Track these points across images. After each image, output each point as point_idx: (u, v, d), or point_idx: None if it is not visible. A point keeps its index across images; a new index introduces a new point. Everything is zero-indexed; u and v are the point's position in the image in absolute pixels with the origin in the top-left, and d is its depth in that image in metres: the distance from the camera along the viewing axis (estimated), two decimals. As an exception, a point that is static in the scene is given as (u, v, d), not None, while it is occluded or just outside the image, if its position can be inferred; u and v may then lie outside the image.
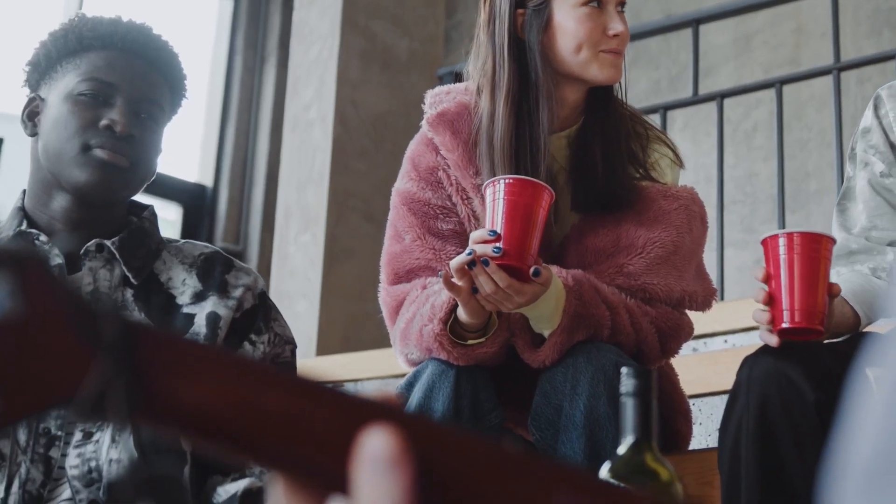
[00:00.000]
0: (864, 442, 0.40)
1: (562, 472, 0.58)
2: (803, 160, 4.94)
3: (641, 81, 5.30)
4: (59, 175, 2.09)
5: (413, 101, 4.61)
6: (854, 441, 0.41)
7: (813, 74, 4.37)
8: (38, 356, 0.56)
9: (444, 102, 2.50)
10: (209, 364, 0.58)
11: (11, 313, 0.55)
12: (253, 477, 2.01)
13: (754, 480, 2.10)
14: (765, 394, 2.13)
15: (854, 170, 2.62)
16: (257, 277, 2.21)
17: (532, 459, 0.58)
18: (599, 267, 2.36)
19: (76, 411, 0.57)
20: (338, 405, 0.58)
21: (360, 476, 0.56)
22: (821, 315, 2.14)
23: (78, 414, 0.57)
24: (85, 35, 2.14)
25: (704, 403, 3.30)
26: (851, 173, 2.63)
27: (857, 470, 0.40)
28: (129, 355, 0.57)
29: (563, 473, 0.58)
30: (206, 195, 5.40)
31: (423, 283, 2.38)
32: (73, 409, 0.57)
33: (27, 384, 0.56)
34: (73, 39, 2.14)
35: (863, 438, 0.40)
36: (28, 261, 0.56)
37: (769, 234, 2.20)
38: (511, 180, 2.15)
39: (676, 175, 2.52)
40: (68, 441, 1.96)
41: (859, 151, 2.61)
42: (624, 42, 2.42)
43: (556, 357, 2.26)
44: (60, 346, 0.56)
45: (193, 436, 0.58)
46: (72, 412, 0.57)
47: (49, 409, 0.57)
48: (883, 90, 2.61)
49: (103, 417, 0.57)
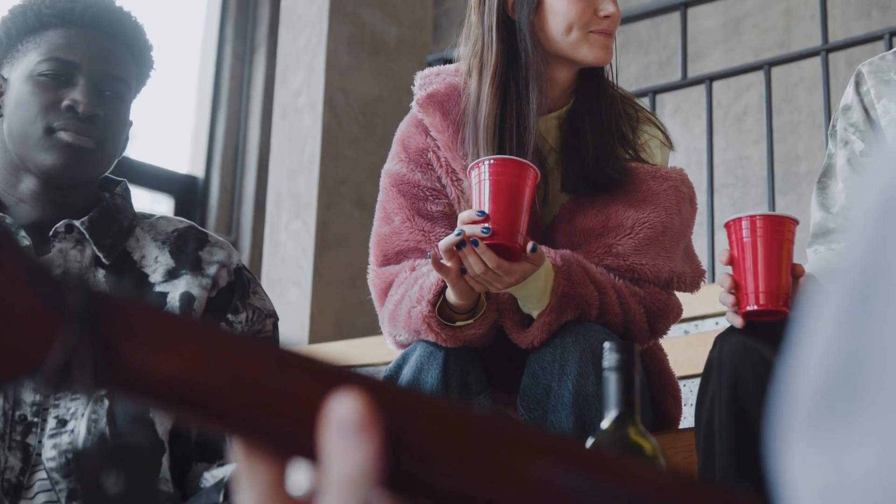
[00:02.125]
0: (810, 370, 0.40)
1: (541, 439, 0.57)
2: (794, 143, 4.93)
3: (631, 66, 5.29)
4: (24, 158, 2.05)
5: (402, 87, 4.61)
6: (799, 370, 0.41)
7: (801, 56, 4.36)
8: (3, 327, 0.56)
9: (433, 84, 2.49)
10: (174, 331, 0.57)
11: (-25, 283, 0.55)
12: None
13: (728, 456, 2.10)
14: (736, 371, 2.13)
15: (835, 147, 2.62)
16: (231, 252, 2.17)
17: (509, 425, 0.57)
18: (588, 247, 2.36)
19: (43, 381, 0.56)
20: (305, 371, 0.57)
21: (328, 441, 0.55)
22: (785, 296, 2.15)
23: (45, 384, 0.56)
24: (44, 12, 2.08)
25: (695, 384, 3.29)
26: (832, 151, 2.63)
27: (803, 400, 0.40)
28: (94, 324, 0.56)
29: (543, 440, 0.57)
30: (197, 186, 5.39)
31: (412, 264, 2.38)
32: (40, 380, 0.56)
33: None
34: (32, 17, 2.09)
35: (808, 366, 0.40)
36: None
37: (732, 218, 2.20)
38: (494, 160, 2.15)
39: (666, 156, 2.52)
40: (43, 428, 1.93)
41: (840, 129, 2.61)
42: (615, 23, 2.41)
43: (544, 337, 2.26)
44: (26, 316, 0.56)
45: (159, 403, 0.58)
46: (38, 382, 0.56)
47: (16, 379, 0.57)
48: (864, 66, 2.60)
49: (70, 387, 0.57)
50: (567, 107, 2.48)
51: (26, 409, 1.94)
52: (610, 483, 0.56)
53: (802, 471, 0.39)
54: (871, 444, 0.36)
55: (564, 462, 0.56)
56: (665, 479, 0.57)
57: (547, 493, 0.56)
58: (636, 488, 0.56)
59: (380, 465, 0.55)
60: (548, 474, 0.56)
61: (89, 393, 0.56)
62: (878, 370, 0.36)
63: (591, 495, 0.56)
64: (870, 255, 0.39)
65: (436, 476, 0.56)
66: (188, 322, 0.58)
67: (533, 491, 0.56)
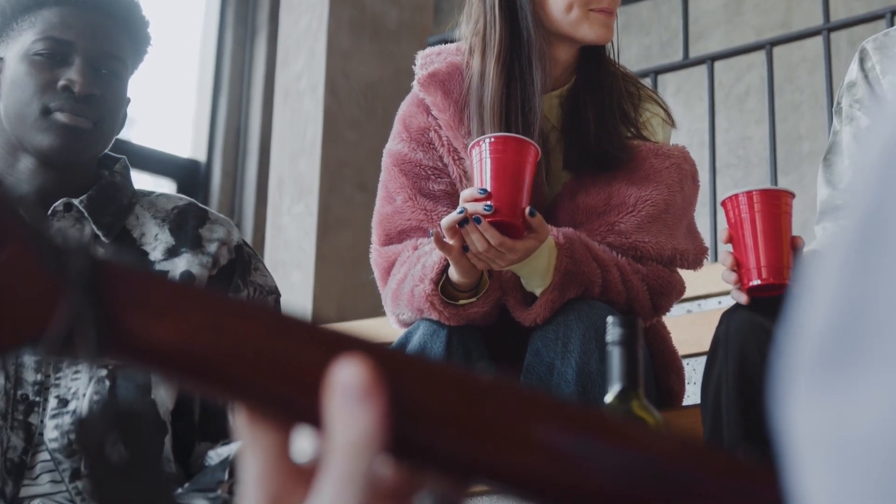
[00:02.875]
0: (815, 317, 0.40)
1: (546, 403, 0.57)
2: (796, 122, 4.93)
3: (633, 47, 5.28)
4: (21, 139, 2.03)
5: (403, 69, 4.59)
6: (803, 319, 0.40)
7: (803, 35, 4.35)
8: (5, 293, 0.55)
9: (434, 63, 2.49)
10: (177, 298, 0.57)
11: (-23, 251, 0.55)
12: None
13: (736, 432, 2.11)
14: (743, 347, 2.13)
15: (840, 124, 2.61)
16: (231, 229, 2.15)
17: (511, 387, 0.57)
18: (591, 225, 2.36)
19: (46, 349, 0.56)
20: (308, 336, 0.57)
21: (332, 407, 0.55)
22: (786, 269, 2.16)
23: (48, 352, 0.56)
24: None
25: (699, 363, 3.29)
26: (838, 128, 2.62)
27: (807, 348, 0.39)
28: (96, 291, 0.56)
29: (548, 404, 0.56)
30: (199, 170, 5.38)
31: (415, 243, 2.37)
32: (43, 348, 0.56)
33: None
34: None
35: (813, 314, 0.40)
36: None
37: (728, 195, 2.21)
38: (494, 138, 2.15)
39: (668, 134, 2.52)
40: (45, 407, 1.93)
41: (845, 106, 2.60)
42: (615, 1, 2.41)
43: (547, 315, 2.26)
44: (26, 283, 0.56)
45: (163, 371, 0.58)
46: (42, 351, 0.56)
47: (20, 347, 0.57)
48: (868, 43, 2.59)
49: (73, 355, 0.56)
50: (568, 85, 2.48)
51: (28, 388, 1.93)
52: (615, 448, 0.56)
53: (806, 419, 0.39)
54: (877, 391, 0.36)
55: (569, 426, 0.56)
56: (671, 444, 0.56)
57: (551, 458, 0.55)
58: (642, 453, 0.56)
59: (384, 430, 0.55)
60: (553, 439, 0.56)
61: (92, 361, 0.56)
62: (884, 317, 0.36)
63: (595, 460, 0.55)
64: (873, 205, 0.39)
65: (440, 441, 0.56)
66: (190, 289, 0.58)
67: (538, 455, 0.55)
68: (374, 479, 0.55)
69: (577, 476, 0.56)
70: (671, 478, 0.55)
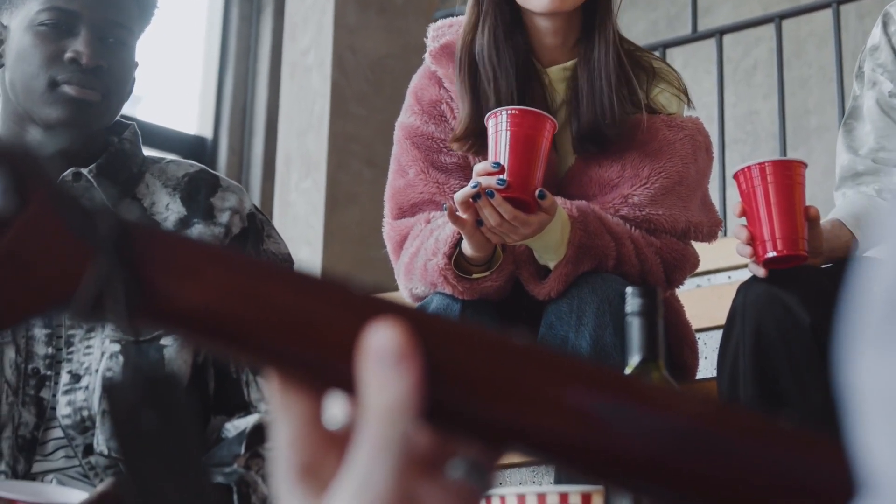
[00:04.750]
0: (883, 278, 0.39)
1: (576, 364, 0.56)
2: (804, 97, 4.91)
3: (640, 22, 5.26)
4: (29, 111, 1.99)
5: (411, 44, 4.58)
6: (871, 279, 0.39)
7: (813, 8, 4.33)
8: (33, 257, 0.54)
9: (446, 35, 2.48)
10: (208, 260, 0.56)
11: (5, 212, 0.54)
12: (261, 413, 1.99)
13: (752, 405, 2.10)
14: (760, 319, 2.13)
15: (861, 89, 2.59)
16: (243, 197, 2.12)
17: (544, 350, 0.56)
18: (604, 198, 2.35)
19: (75, 312, 0.55)
20: (342, 300, 0.56)
21: (367, 372, 0.54)
22: (801, 240, 2.15)
23: (78, 315, 0.55)
24: None
25: (710, 337, 3.29)
26: (858, 92, 2.60)
27: (875, 308, 0.39)
28: (126, 253, 0.55)
29: (578, 366, 0.56)
30: (206, 146, 5.37)
31: (427, 216, 2.36)
32: (72, 311, 0.55)
33: (24, 286, 0.55)
34: None
35: (881, 275, 0.39)
36: (18, 157, 0.55)
37: (740, 168, 2.19)
38: (512, 111, 2.14)
39: (681, 109, 2.50)
40: (57, 381, 1.91)
41: (867, 70, 2.58)
42: None
43: (561, 288, 2.25)
44: (55, 246, 0.55)
45: (193, 334, 0.57)
46: (70, 313, 0.55)
47: (48, 310, 0.56)
48: (892, 7, 2.57)
49: (102, 318, 0.55)
50: (574, 60, 2.47)
51: (39, 362, 1.91)
52: (647, 412, 0.55)
53: (872, 377, 0.38)
54: None
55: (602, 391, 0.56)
56: (700, 406, 0.56)
57: (584, 422, 0.55)
58: (672, 416, 0.55)
59: (420, 396, 0.54)
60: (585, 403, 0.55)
61: (122, 324, 0.55)
62: None
63: (628, 425, 0.55)
64: None
65: (475, 406, 0.55)
66: (220, 250, 0.57)
67: (571, 420, 0.55)
68: (409, 445, 0.54)
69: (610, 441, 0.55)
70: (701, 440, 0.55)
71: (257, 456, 1.88)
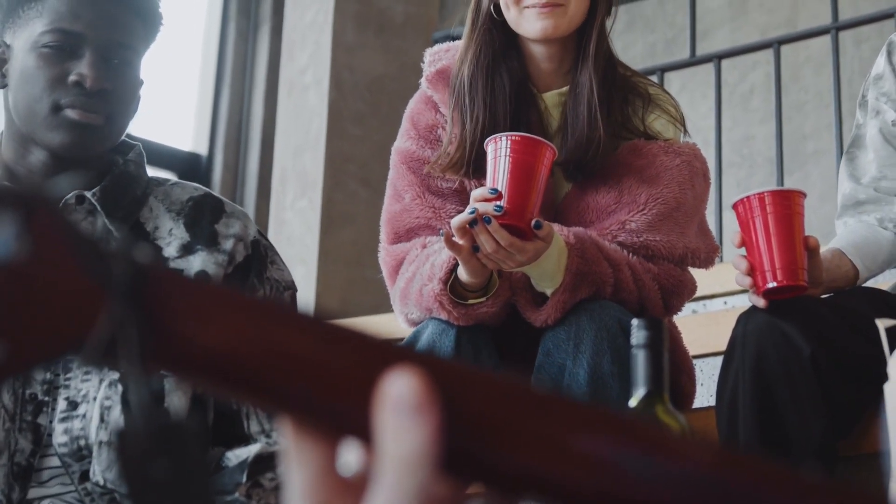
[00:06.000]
0: None
1: (592, 412, 0.56)
2: (800, 122, 4.92)
3: (637, 45, 5.27)
4: (32, 133, 1.97)
5: (409, 64, 4.58)
6: None
7: (811, 34, 4.34)
8: (46, 300, 0.54)
9: (443, 60, 2.49)
10: (223, 305, 0.55)
11: (18, 255, 0.53)
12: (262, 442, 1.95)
13: (752, 435, 2.10)
14: (760, 349, 2.13)
15: (864, 117, 2.59)
16: (248, 223, 2.09)
17: (562, 398, 0.56)
18: (601, 224, 2.34)
19: (87, 358, 0.54)
20: (359, 346, 0.56)
21: (385, 421, 0.54)
22: (801, 270, 2.15)
23: (90, 361, 0.54)
24: None
25: (706, 364, 3.29)
26: (861, 121, 2.60)
27: None
28: (140, 297, 0.54)
29: (594, 413, 0.56)
30: (200, 163, 5.36)
31: (423, 241, 2.36)
32: (85, 356, 0.54)
33: (37, 330, 0.54)
34: None
35: None
36: (35, 200, 0.54)
37: (739, 198, 2.20)
38: (515, 137, 2.13)
39: (678, 134, 2.50)
40: (54, 408, 1.88)
41: (871, 99, 2.58)
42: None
43: (558, 315, 2.25)
44: (69, 289, 0.54)
45: (207, 380, 0.56)
46: (83, 359, 0.54)
47: (61, 355, 0.55)
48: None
49: (115, 363, 0.55)
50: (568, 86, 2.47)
51: (37, 387, 1.88)
52: (663, 459, 0.55)
53: None
54: None
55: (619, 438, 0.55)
56: (718, 454, 0.56)
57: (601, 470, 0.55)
58: (688, 464, 0.55)
59: (439, 445, 0.53)
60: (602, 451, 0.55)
61: (134, 369, 0.54)
62: None
63: (645, 472, 0.55)
64: None
65: (492, 454, 0.55)
66: (236, 295, 0.56)
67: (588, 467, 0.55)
68: (427, 494, 0.53)
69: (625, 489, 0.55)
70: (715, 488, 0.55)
71: (258, 486, 1.87)
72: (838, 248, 2.41)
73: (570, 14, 2.37)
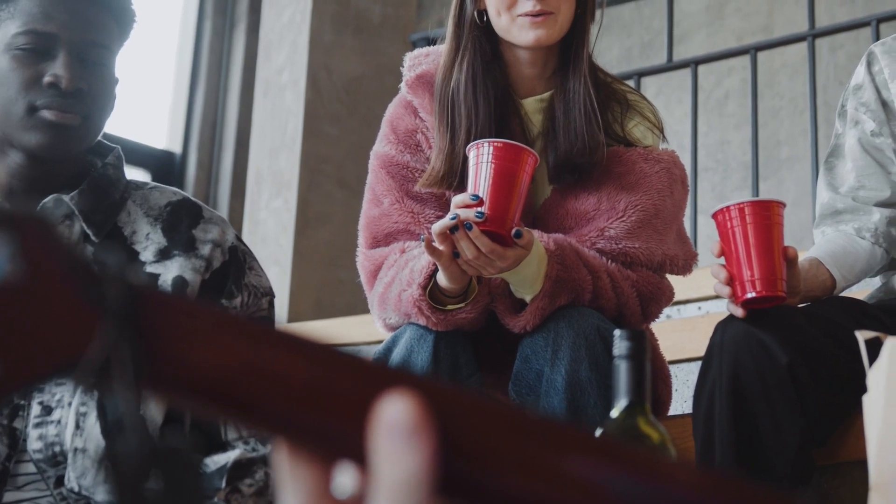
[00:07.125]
0: None
1: (584, 438, 0.56)
2: (775, 128, 4.93)
3: (614, 49, 5.27)
4: (8, 136, 1.95)
5: (386, 65, 4.59)
6: None
7: (788, 41, 4.35)
8: (39, 321, 0.53)
9: (423, 64, 2.48)
10: (217, 328, 0.55)
11: (12, 276, 0.53)
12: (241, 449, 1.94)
13: (728, 444, 2.11)
14: (737, 358, 2.14)
15: (843, 127, 2.60)
16: (226, 228, 2.09)
17: (556, 423, 0.56)
18: (580, 231, 2.35)
19: (80, 379, 0.54)
20: (353, 370, 0.55)
21: (380, 445, 0.53)
22: (780, 281, 2.16)
23: (82, 382, 0.54)
24: None
25: (680, 370, 3.29)
26: (840, 130, 2.61)
27: None
28: (134, 319, 0.54)
29: (586, 439, 0.56)
30: (174, 161, 5.35)
31: (402, 246, 2.36)
32: (78, 377, 0.54)
33: (29, 351, 0.53)
34: None
35: None
36: (28, 221, 0.54)
37: (719, 208, 2.20)
38: (498, 144, 2.13)
39: (657, 141, 2.51)
40: (29, 412, 1.86)
41: (850, 109, 2.59)
42: (548, 4, 2.36)
43: (537, 322, 2.25)
44: (63, 311, 0.54)
45: (201, 402, 0.56)
46: (76, 380, 0.54)
47: (53, 376, 0.55)
48: (876, 47, 2.58)
49: (108, 386, 0.54)
50: (551, 91, 2.47)
51: None
52: (653, 484, 0.56)
53: None
54: None
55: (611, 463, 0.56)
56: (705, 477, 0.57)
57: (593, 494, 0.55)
58: (678, 488, 0.56)
59: (434, 469, 0.53)
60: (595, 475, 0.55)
61: (128, 392, 0.54)
62: None
63: (636, 496, 0.56)
64: None
65: (487, 478, 0.55)
66: (231, 318, 0.56)
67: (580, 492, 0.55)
68: (422, 519, 0.53)
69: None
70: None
71: (237, 491, 1.86)
72: (816, 257, 2.42)
73: (561, 22, 2.38)
